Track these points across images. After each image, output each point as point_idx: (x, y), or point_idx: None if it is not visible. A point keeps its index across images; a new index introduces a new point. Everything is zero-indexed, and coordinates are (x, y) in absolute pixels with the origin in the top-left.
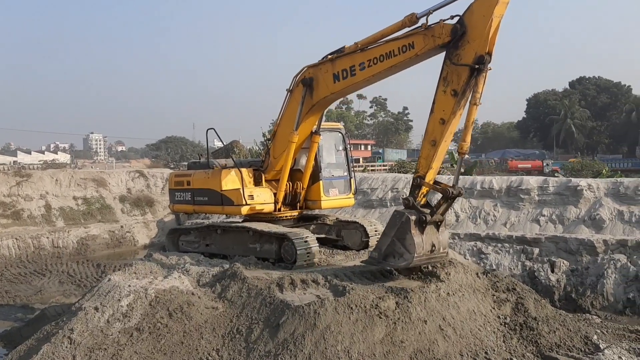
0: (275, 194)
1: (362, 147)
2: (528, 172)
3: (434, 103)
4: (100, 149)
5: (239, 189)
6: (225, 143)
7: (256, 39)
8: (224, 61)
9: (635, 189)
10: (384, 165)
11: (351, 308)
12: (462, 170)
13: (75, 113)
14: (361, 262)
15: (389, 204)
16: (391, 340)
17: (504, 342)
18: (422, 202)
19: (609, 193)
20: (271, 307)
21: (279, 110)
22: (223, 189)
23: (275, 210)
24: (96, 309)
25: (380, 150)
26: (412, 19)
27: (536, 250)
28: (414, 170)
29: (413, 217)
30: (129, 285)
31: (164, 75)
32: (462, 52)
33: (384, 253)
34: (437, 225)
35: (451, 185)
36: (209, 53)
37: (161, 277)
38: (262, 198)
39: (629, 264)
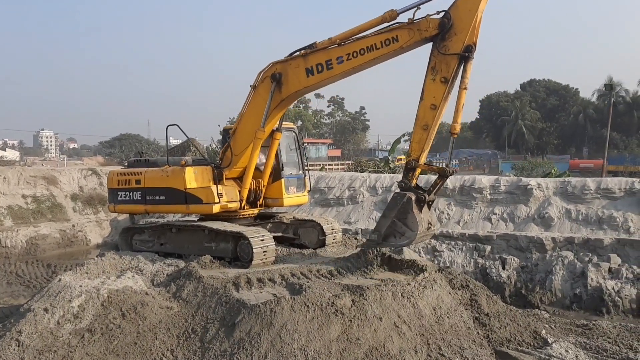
0: (239, 192)
1: None
2: (589, 171)
3: (423, 91)
4: (51, 146)
5: (209, 187)
6: (186, 139)
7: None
8: (180, 60)
9: (582, 188)
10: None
11: (307, 306)
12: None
13: (25, 109)
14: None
15: (345, 202)
16: (347, 338)
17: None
18: (414, 184)
19: (557, 192)
20: (227, 307)
21: (236, 107)
22: (188, 187)
23: (240, 208)
24: (46, 310)
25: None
26: (393, 14)
27: (488, 248)
28: (406, 155)
29: (413, 197)
30: (81, 286)
31: (118, 72)
32: (450, 44)
33: (384, 234)
34: (429, 204)
35: (445, 165)
36: (163, 52)
37: (114, 277)
38: (229, 196)
39: (575, 260)
